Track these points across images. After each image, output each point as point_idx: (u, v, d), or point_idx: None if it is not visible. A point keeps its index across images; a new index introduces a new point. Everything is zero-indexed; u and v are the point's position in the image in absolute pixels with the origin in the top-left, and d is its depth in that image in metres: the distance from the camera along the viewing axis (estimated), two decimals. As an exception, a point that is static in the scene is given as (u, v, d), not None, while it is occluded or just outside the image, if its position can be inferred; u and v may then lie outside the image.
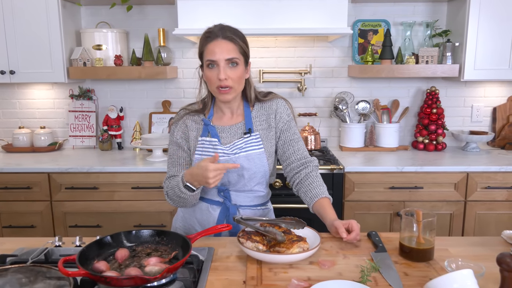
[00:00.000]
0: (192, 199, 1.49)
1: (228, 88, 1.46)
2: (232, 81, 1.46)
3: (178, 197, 1.48)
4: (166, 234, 1.28)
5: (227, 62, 1.45)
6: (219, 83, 1.45)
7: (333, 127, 3.11)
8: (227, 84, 1.45)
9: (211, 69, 1.46)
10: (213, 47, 1.45)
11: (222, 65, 1.44)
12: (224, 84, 1.45)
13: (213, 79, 1.46)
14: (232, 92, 1.48)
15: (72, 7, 2.84)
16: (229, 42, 1.45)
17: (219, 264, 1.26)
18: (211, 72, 1.46)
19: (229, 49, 1.45)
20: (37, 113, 3.11)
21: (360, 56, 2.98)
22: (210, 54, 1.45)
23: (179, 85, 3.07)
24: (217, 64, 1.44)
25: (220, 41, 1.45)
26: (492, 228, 2.54)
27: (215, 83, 1.46)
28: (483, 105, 3.06)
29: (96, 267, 1.11)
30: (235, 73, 1.46)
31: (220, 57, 1.43)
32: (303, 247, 1.23)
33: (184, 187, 1.44)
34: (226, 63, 1.44)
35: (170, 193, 1.51)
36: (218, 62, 1.44)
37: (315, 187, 1.52)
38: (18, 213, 2.58)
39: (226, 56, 1.44)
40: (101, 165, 2.55)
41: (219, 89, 1.46)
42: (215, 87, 1.48)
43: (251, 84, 1.58)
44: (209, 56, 1.45)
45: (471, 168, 2.49)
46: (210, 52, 1.45)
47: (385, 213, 2.53)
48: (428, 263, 1.23)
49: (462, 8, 2.70)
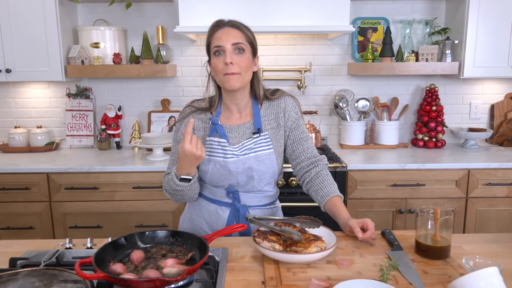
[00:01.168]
0: (189, 192, 1.47)
1: (234, 73, 1.43)
2: (238, 67, 1.43)
3: (175, 191, 1.46)
4: (181, 235, 1.26)
5: (234, 47, 1.43)
6: (226, 69, 1.42)
7: (333, 125, 3.11)
8: (233, 70, 1.42)
9: (218, 56, 1.44)
10: (220, 34, 1.44)
11: (229, 50, 1.42)
12: (230, 71, 1.42)
13: (220, 66, 1.44)
14: (239, 78, 1.44)
15: (69, 4, 2.79)
16: (235, 29, 1.46)
17: (234, 265, 1.24)
18: (217, 60, 1.44)
19: (236, 34, 1.44)
20: (33, 112, 3.06)
21: (359, 54, 2.98)
22: (217, 41, 1.44)
23: (178, 83, 3.04)
24: (223, 50, 1.43)
25: (227, 28, 1.45)
26: (492, 225, 2.56)
27: (222, 71, 1.43)
28: (481, 102, 3.08)
29: (112, 269, 1.09)
30: (242, 60, 1.44)
31: (226, 43, 1.42)
32: (320, 246, 1.22)
33: (180, 180, 1.41)
34: (233, 49, 1.43)
35: (167, 187, 1.50)
36: (224, 47, 1.42)
37: (326, 185, 1.51)
38: (16, 215, 2.54)
39: (233, 40, 1.43)
40: (101, 165, 2.52)
41: (226, 75, 1.43)
42: (222, 75, 1.45)
43: (259, 80, 1.56)
44: (216, 42, 1.44)
45: (472, 165, 2.51)
46: (217, 38, 1.44)
47: (387, 210, 2.54)
48: (445, 260, 1.23)
49: (461, 5, 2.71)
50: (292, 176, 2.48)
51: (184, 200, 1.53)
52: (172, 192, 1.48)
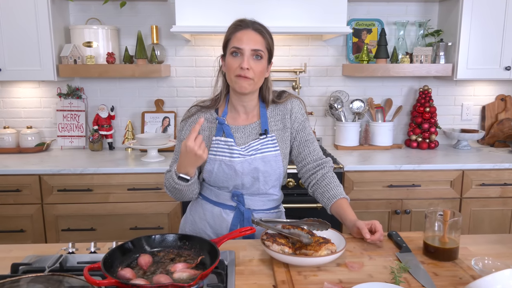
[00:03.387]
0: (187, 192, 1.46)
1: (248, 78, 1.42)
2: (253, 73, 1.42)
3: (174, 189, 1.46)
4: (189, 239, 1.23)
5: (253, 53, 1.41)
6: (240, 71, 1.41)
7: (327, 126, 3.11)
8: (247, 75, 1.41)
9: (235, 57, 1.42)
10: (242, 35, 1.42)
11: (247, 55, 1.40)
12: (244, 74, 1.41)
13: (234, 67, 1.42)
14: (251, 83, 1.43)
15: (61, 2, 2.73)
16: (258, 34, 1.43)
17: (243, 268, 1.23)
18: (234, 60, 1.42)
19: (257, 40, 1.42)
20: (23, 112, 2.99)
21: (354, 55, 2.99)
22: (237, 42, 1.42)
23: (172, 83, 3.00)
24: (242, 52, 1.41)
25: (250, 31, 1.42)
26: (486, 225, 2.59)
27: (236, 72, 1.42)
28: (472, 104, 3.13)
29: (121, 274, 1.06)
30: (258, 66, 1.43)
31: (246, 46, 1.40)
32: (331, 249, 1.21)
33: (178, 178, 1.41)
34: (251, 54, 1.41)
35: (167, 184, 1.49)
36: (243, 50, 1.40)
37: (332, 188, 1.51)
38: (6, 217, 2.47)
39: (253, 46, 1.41)
40: (95, 166, 2.47)
41: (238, 78, 1.42)
42: (234, 75, 1.43)
43: (269, 86, 1.55)
44: (236, 43, 1.41)
45: (466, 166, 2.54)
46: (237, 39, 1.42)
47: (383, 211, 2.55)
48: (454, 262, 1.23)
49: (454, 8, 2.74)
50: (288, 177, 2.47)
51: (183, 198, 1.52)
52: (172, 189, 1.48)
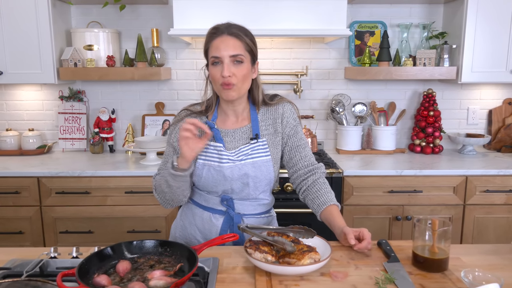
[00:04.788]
0: (177, 190, 1.41)
1: (231, 85, 1.40)
2: (236, 79, 1.40)
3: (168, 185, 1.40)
4: (170, 245, 1.21)
5: (232, 59, 1.39)
6: (223, 80, 1.39)
7: (329, 129, 3.07)
8: (230, 81, 1.39)
9: (216, 66, 1.41)
10: (218, 43, 1.40)
11: (227, 62, 1.38)
12: (227, 81, 1.39)
13: (217, 76, 1.41)
14: (235, 89, 1.42)
15: (62, 6, 2.74)
16: (234, 39, 1.40)
17: (225, 276, 1.20)
18: (215, 69, 1.41)
19: (234, 45, 1.39)
20: (25, 115, 3.01)
21: (356, 57, 2.95)
22: (214, 51, 1.40)
23: (172, 86, 3.00)
24: (221, 60, 1.39)
25: (226, 37, 1.40)
26: (490, 232, 2.52)
27: (219, 80, 1.40)
28: (478, 108, 3.05)
29: (97, 281, 1.04)
30: (240, 71, 1.40)
31: (224, 54, 1.38)
32: (314, 258, 1.17)
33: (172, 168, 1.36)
34: (231, 60, 1.39)
35: (158, 185, 1.46)
36: (222, 58, 1.38)
37: (323, 194, 1.47)
38: (5, 219, 2.48)
39: (231, 52, 1.39)
40: (93, 169, 2.47)
41: (223, 86, 1.41)
42: (219, 85, 1.42)
43: (259, 86, 1.52)
44: (214, 53, 1.40)
45: (470, 171, 2.47)
46: (215, 48, 1.40)
47: (384, 217, 2.50)
48: (443, 273, 1.19)
49: (459, 10, 2.68)
50: (288, 181, 2.44)
51: (173, 199, 1.47)
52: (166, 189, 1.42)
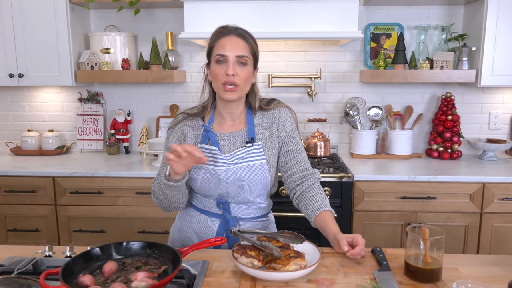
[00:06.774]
0: (172, 198, 1.42)
1: (234, 85, 1.40)
2: (239, 79, 1.40)
3: (163, 193, 1.42)
4: (158, 247, 1.22)
5: (237, 59, 1.39)
6: (226, 78, 1.39)
7: (343, 133, 3.03)
8: (234, 80, 1.39)
9: (220, 64, 1.41)
10: (225, 42, 1.40)
11: (232, 61, 1.39)
12: (231, 80, 1.38)
13: (220, 75, 1.40)
14: (238, 91, 1.41)
15: (80, 11, 2.82)
16: (241, 40, 1.41)
17: (212, 280, 1.19)
18: (219, 68, 1.41)
19: (241, 46, 1.40)
20: (46, 116, 3.11)
21: (372, 60, 2.89)
22: (220, 49, 1.40)
23: (187, 89, 3.03)
24: (226, 59, 1.39)
25: (233, 37, 1.41)
26: (509, 242, 2.41)
27: (222, 79, 1.40)
28: (501, 112, 2.94)
29: (81, 281, 1.06)
30: (243, 72, 1.41)
31: (230, 53, 1.38)
32: (300, 264, 1.15)
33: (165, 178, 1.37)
34: (236, 60, 1.39)
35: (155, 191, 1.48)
36: (228, 57, 1.39)
37: (317, 200, 1.45)
38: (23, 217, 2.57)
39: (237, 52, 1.39)
40: (106, 170, 2.52)
41: (225, 86, 1.40)
42: (221, 83, 1.41)
43: (256, 92, 1.52)
44: (220, 51, 1.40)
45: (487, 178, 2.38)
46: (221, 46, 1.40)
47: (396, 224, 2.43)
48: (435, 284, 1.14)
49: (479, 11, 2.59)
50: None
51: (169, 206, 1.49)
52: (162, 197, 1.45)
